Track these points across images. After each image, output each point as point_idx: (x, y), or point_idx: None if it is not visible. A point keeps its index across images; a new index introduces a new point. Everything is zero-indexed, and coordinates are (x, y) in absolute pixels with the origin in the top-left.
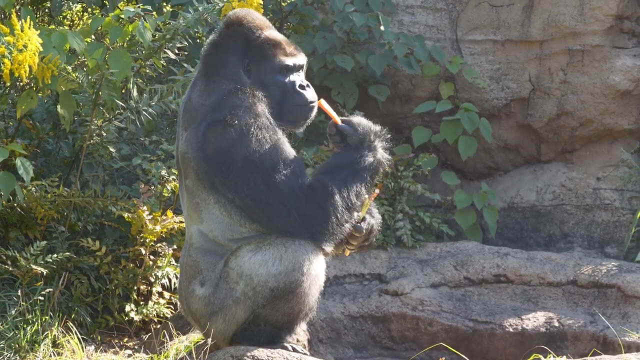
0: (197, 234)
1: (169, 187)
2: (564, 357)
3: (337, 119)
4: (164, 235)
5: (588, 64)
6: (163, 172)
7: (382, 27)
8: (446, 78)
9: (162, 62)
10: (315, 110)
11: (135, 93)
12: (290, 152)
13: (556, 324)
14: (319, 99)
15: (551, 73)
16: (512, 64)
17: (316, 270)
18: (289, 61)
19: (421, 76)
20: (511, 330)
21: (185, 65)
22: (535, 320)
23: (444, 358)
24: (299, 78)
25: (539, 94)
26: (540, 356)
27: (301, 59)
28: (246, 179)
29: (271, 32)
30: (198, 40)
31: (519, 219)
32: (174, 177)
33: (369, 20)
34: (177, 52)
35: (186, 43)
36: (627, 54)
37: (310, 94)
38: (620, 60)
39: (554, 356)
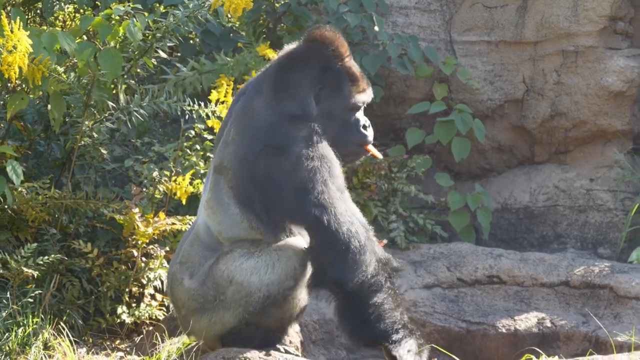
0: (203, 227)
1: (160, 189)
2: (556, 357)
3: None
4: (156, 237)
5: (582, 65)
6: (155, 174)
7: (376, 28)
8: (440, 79)
9: (153, 61)
10: (367, 153)
11: (121, 95)
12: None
13: (549, 325)
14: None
15: (545, 74)
16: (505, 65)
17: (307, 275)
18: (361, 98)
19: (415, 77)
20: (504, 331)
21: (177, 64)
22: (527, 321)
23: (435, 359)
24: (363, 117)
25: (532, 95)
26: (532, 357)
27: (370, 95)
28: (294, 207)
29: (351, 63)
30: (191, 41)
31: (512, 220)
32: (166, 178)
33: (362, 20)
34: (168, 51)
35: (177, 42)
36: (621, 55)
37: (370, 135)
38: (613, 61)
39: (545, 357)
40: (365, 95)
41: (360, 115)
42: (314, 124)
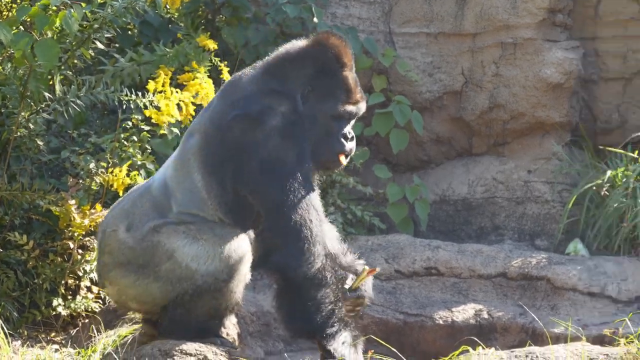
0: (160, 184)
1: (97, 181)
2: (493, 349)
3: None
4: (92, 229)
5: (520, 57)
6: (92, 166)
7: (315, 19)
8: (379, 71)
9: (90, 52)
10: (344, 164)
11: (58, 86)
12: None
13: (486, 316)
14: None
15: (483, 66)
16: (445, 57)
17: (246, 269)
18: (349, 109)
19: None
20: (441, 322)
21: (115, 55)
22: (465, 312)
23: (372, 351)
24: (349, 128)
25: (471, 87)
26: (469, 348)
27: (361, 109)
28: (257, 181)
29: (349, 74)
30: (129, 32)
31: (450, 211)
32: (103, 170)
33: (301, 12)
34: (106, 42)
35: (115, 33)
36: (559, 47)
37: (349, 146)
38: (552, 53)
39: (483, 348)
40: (354, 108)
41: (346, 124)
42: (297, 101)
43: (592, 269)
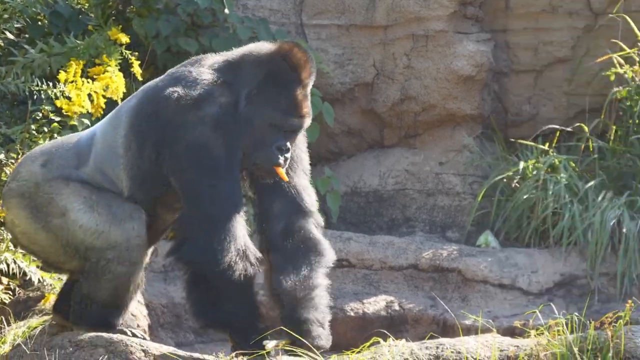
0: (89, 133)
1: (7, 172)
2: (404, 340)
3: None
4: (2, 220)
5: (432, 49)
6: (1, 157)
7: (226, 10)
8: None
9: (0, 42)
10: (276, 175)
11: None
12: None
13: (397, 308)
14: None
15: (395, 58)
16: (356, 49)
17: (137, 255)
18: (290, 122)
19: None
20: (352, 314)
21: (25, 46)
22: (376, 304)
23: (283, 342)
24: (285, 140)
25: (382, 79)
26: (380, 340)
27: (303, 124)
28: (181, 164)
29: (299, 89)
30: (39, 23)
31: (362, 203)
32: (13, 161)
33: (212, 3)
34: (16, 32)
35: (25, 23)
36: (471, 39)
37: (281, 159)
38: (463, 45)
39: (393, 339)
40: (295, 121)
41: (282, 138)
42: (240, 98)
43: (503, 260)
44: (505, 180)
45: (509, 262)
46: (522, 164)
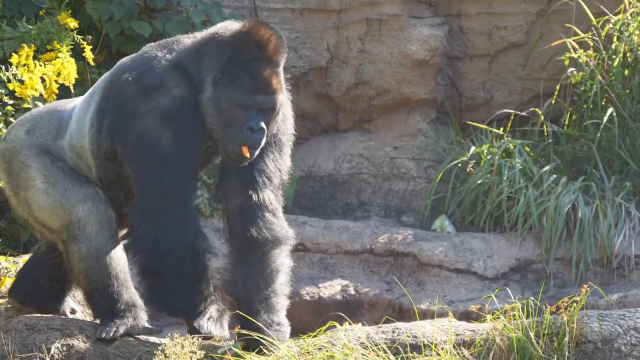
0: (72, 107)
1: None
2: (360, 324)
3: None
4: None
5: (385, 34)
6: None
7: None
8: None
9: None
10: (248, 157)
11: None
12: (191, 173)
13: (352, 292)
14: None
15: (349, 42)
16: (310, 33)
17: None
18: (258, 100)
19: None
20: (308, 298)
21: None
22: (331, 288)
23: (239, 327)
24: (257, 119)
25: (337, 63)
26: (336, 324)
27: (273, 100)
28: (132, 154)
29: (267, 66)
30: None
31: (316, 187)
32: None
33: None
34: None
35: None
36: (424, 23)
37: (254, 139)
38: (417, 29)
39: (350, 323)
40: (262, 97)
41: (253, 116)
42: (204, 85)
43: (458, 245)
44: (460, 164)
45: (464, 246)
46: (475, 149)
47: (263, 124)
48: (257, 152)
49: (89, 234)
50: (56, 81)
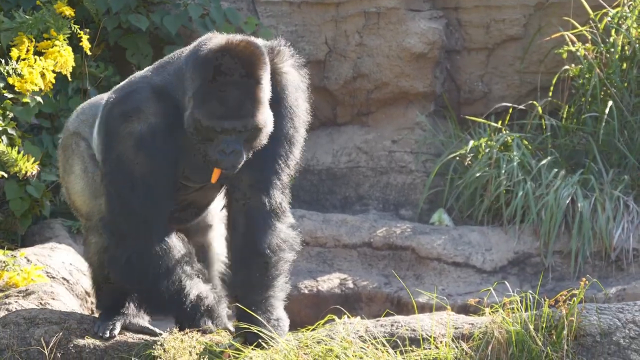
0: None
1: None
2: (359, 317)
3: None
4: None
5: (384, 27)
6: None
7: None
8: None
9: None
10: (214, 181)
11: None
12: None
13: (351, 286)
14: None
15: (347, 35)
16: (308, 26)
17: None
18: (227, 126)
19: None
20: (306, 292)
21: None
22: (330, 282)
23: (238, 321)
24: (229, 142)
25: (335, 57)
26: (335, 317)
27: (249, 123)
28: (108, 175)
29: (238, 90)
30: None
31: (315, 181)
32: None
33: None
34: None
35: None
36: (423, 17)
37: (227, 163)
38: (415, 23)
39: (348, 316)
40: (229, 123)
41: (228, 139)
42: (182, 105)
43: (457, 238)
44: (458, 158)
45: (462, 240)
46: (473, 142)
47: (238, 146)
48: (237, 169)
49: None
50: (53, 70)
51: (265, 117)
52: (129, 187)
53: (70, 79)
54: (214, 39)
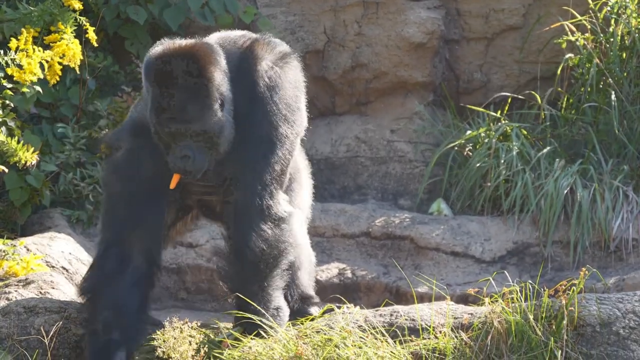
0: None
1: None
2: (358, 307)
3: None
4: None
5: (382, 16)
6: None
7: None
8: (240, 29)
9: None
10: (172, 186)
11: None
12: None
13: (350, 275)
14: None
15: (346, 25)
16: (307, 16)
17: None
18: (172, 131)
19: (216, 27)
20: None
21: None
22: (329, 271)
23: (236, 311)
24: (181, 148)
25: (333, 46)
26: (334, 306)
27: (193, 127)
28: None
29: (169, 93)
30: None
31: (313, 171)
32: None
33: None
34: None
35: None
36: (422, 6)
37: (181, 167)
38: (414, 12)
39: (348, 306)
40: (178, 126)
41: (174, 145)
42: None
43: (456, 228)
44: (457, 148)
45: (461, 230)
46: (472, 132)
47: (190, 152)
48: (195, 174)
49: None
50: (60, 63)
51: (216, 120)
52: (106, 205)
53: (78, 72)
54: (160, 45)
